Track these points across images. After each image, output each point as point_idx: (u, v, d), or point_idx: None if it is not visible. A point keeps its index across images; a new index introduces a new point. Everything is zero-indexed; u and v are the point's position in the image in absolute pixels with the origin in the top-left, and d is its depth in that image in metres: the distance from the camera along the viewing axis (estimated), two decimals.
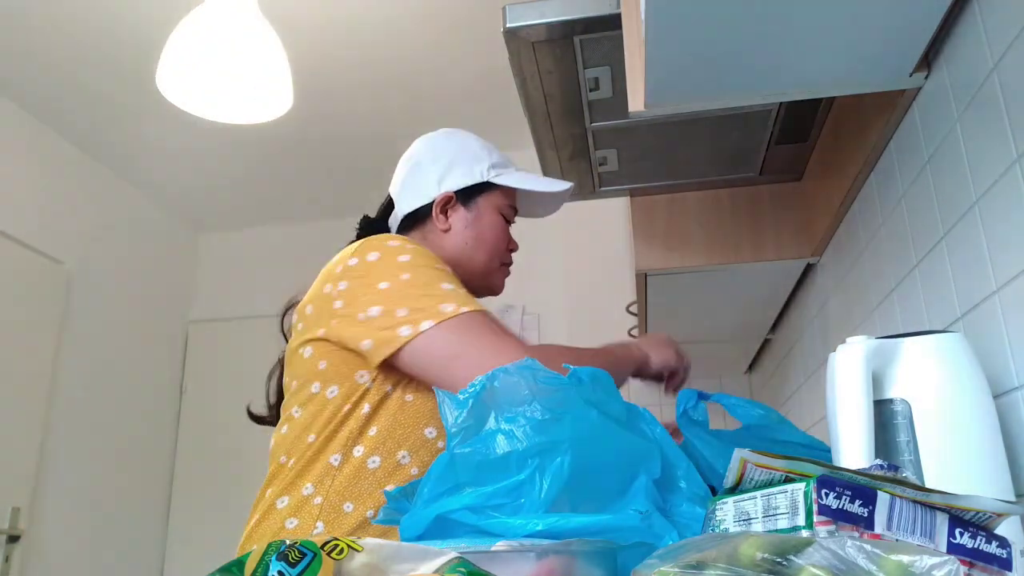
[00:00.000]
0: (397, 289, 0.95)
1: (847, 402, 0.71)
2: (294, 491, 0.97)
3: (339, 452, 0.97)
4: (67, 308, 3.17)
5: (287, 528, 0.95)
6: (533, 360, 0.73)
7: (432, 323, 0.92)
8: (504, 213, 1.18)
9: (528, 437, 0.66)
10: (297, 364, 1.03)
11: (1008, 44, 0.78)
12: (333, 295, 1.00)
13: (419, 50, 2.75)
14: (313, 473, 0.97)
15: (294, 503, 0.96)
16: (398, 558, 0.46)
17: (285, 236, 3.99)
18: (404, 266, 0.97)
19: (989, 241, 0.84)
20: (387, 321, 0.94)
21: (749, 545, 0.44)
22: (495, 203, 1.17)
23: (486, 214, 1.16)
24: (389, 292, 0.95)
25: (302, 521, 0.94)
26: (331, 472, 0.96)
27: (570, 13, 1.11)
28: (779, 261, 1.62)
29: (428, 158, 1.18)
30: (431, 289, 0.95)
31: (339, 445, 0.97)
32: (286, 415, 1.03)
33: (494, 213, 1.16)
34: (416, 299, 0.94)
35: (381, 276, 0.97)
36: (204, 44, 1.92)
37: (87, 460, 3.21)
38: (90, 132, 3.18)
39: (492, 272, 1.17)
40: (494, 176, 1.16)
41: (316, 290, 1.04)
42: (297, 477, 0.97)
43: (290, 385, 1.05)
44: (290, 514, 0.95)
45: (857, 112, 1.22)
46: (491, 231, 1.16)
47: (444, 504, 0.65)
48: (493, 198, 1.17)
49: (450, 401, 0.71)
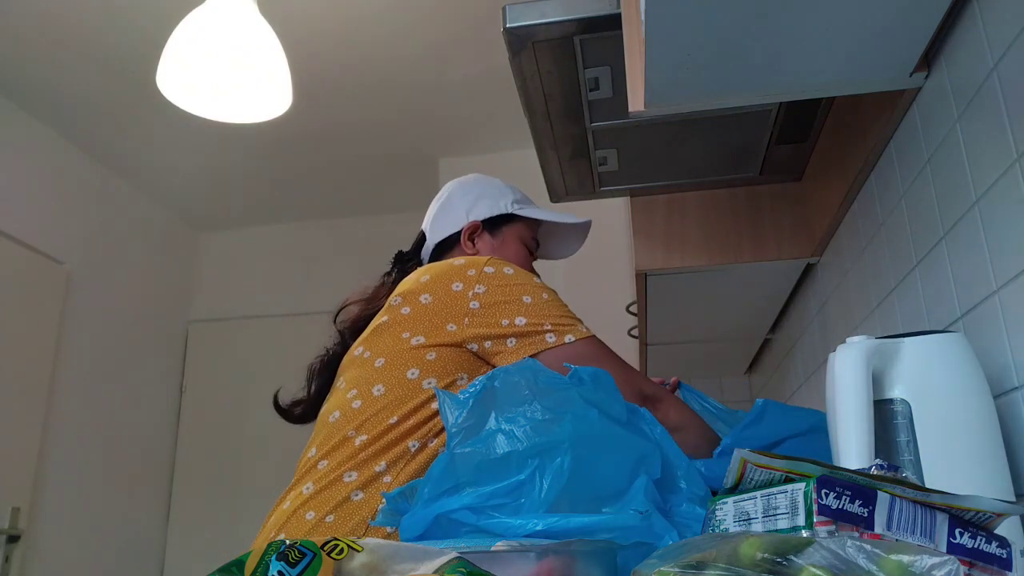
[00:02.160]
0: (540, 305, 1.06)
1: (847, 402, 0.71)
2: (366, 467, 0.98)
3: (419, 440, 1.00)
4: (67, 308, 3.17)
5: (352, 500, 0.96)
6: (533, 360, 0.73)
7: (574, 338, 1.05)
8: (527, 244, 1.29)
9: (528, 437, 0.66)
10: (394, 344, 1.06)
11: (1008, 44, 0.78)
12: (468, 296, 1.05)
13: (419, 50, 2.75)
14: (390, 454, 0.99)
15: (364, 478, 0.98)
16: (398, 558, 0.46)
17: (285, 236, 3.99)
18: (542, 287, 1.10)
19: (989, 241, 0.84)
20: (533, 329, 1.05)
21: (749, 545, 0.44)
22: (519, 233, 1.28)
23: (510, 242, 1.27)
24: (533, 307, 1.06)
25: (368, 495, 0.96)
26: (406, 456, 0.99)
27: (570, 13, 1.11)
28: (779, 261, 1.62)
29: (458, 193, 1.31)
30: (566, 312, 1.08)
31: (422, 434, 1.00)
32: (361, 389, 1.04)
33: (518, 242, 1.28)
34: (558, 317, 1.06)
35: (524, 291, 1.07)
36: (204, 44, 1.92)
37: (87, 460, 3.21)
38: (90, 132, 3.18)
39: None
40: (518, 209, 1.28)
41: (437, 283, 1.08)
42: (372, 455, 0.99)
43: (372, 360, 1.06)
44: (358, 487, 0.97)
45: (857, 112, 1.22)
46: (516, 258, 1.26)
47: (444, 504, 0.65)
48: (517, 229, 1.28)
49: (450, 401, 0.71)
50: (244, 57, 1.95)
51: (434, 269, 1.11)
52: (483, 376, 0.71)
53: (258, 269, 3.99)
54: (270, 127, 2.69)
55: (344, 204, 3.76)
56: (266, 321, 3.84)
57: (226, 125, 2.44)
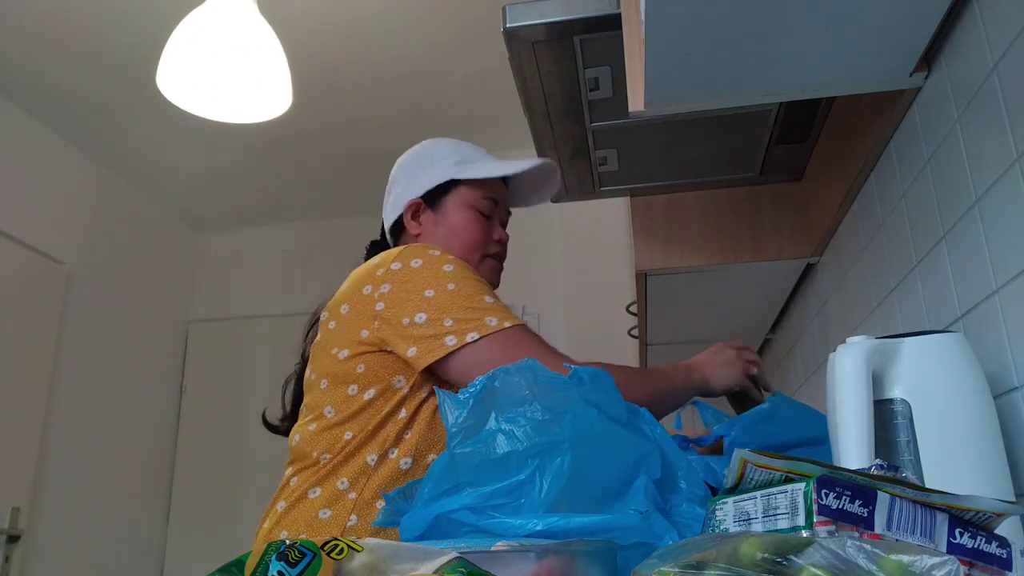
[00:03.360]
0: (443, 298, 0.98)
1: (847, 402, 0.71)
2: (328, 484, 0.98)
3: (376, 452, 0.99)
4: (67, 308, 3.17)
5: (320, 518, 0.96)
6: (534, 360, 0.73)
7: (477, 335, 0.95)
8: (477, 207, 1.17)
9: (528, 437, 0.66)
10: (329, 363, 1.04)
11: (1008, 44, 0.78)
12: (375, 297, 1.01)
13: (419, 50, 2.75)
14: (349, 469, 0.98)
15: (328, 495, 0.98)
16: (398, 558, 0.46)
17: (285, 236, 3.99)
18: (449, 276, 1.00)
19: (989, 241, 0.84)
20: (432, 329, 0.97)
21: (749, 545, 0.44)
22: (464, 199, 1.17)
23: (454, 212, 1.17)
24: (435, 300, 0.98)
25: (336, 513, 0.96)
26: (367, 471, 0.98)
27: (570, 13, 1.11)
28: (779, 261, 1.62)
29: (400, 172, 1.23)
30: (475, 301, 0.98)
31: (377, 446, 0.99)
32: (315, 413, 1.04)
33: (463, 209, 1.17)
34: (461, 310, 0.97)
35: (427, 284, 0.99)
36: (204, 44, 1.92)
37: (87, 460, 3.21)
38: (90, 132, 3.18)
39: (476, 264, 1.16)
40: (458, 172, 1.17)
41: (352, 290, 1.05)
42: (332, 472, 0.99)
43: (318, 383, 1.05)
44: (324, 505, 0.97)
45: (857, 112, 1.22)
46: (461, 226, 1.16)
47: (444, 504, 0.65)
48: (461, 194, 1.17)
49: (450, 401, 0.71)
50: (244, 57, 1.95)
51: (353, 275, 1.08)
52: (483, 376, 0.71)
53: (258, 269, 3.99)
54: (270, 127, 2.68)
55: (344, 204, 3.76)
56: (266, 321, 3.84)
57: (226, 125, 2.43)
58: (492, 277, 1.20)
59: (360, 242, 1.27)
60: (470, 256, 1.15)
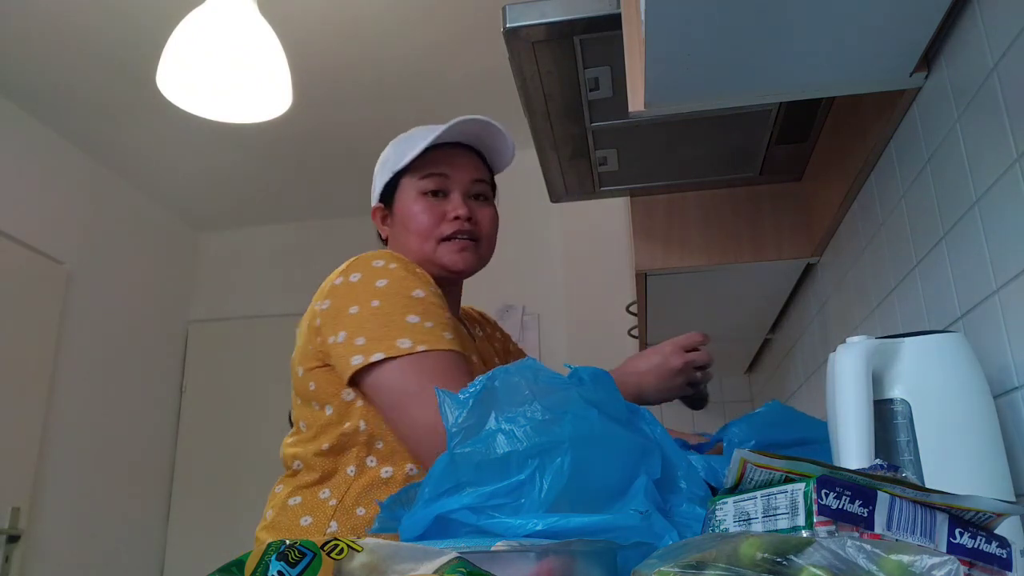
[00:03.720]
0: (364, 316, 0.96)
1: (847, 402, 0.71)
2: (309, 492, 0.99)
3: (354, 464, 0.99)
4: (67, 308, 3.17)
5: (301, 525, 0.97)
6: (534, 360, 0.73)
7: (382, 355, 0.92)
8: (422, 189, 1.13)
9: (528, 437, 0.66)
10: (295, 381, 1.05)
11: (1008, 44, 0.78)
12: (317, 313, 1.01)
13: (419, 50, 2.75)
14: (331, 481, 0.99)
15: (308, 503, 0.98)
16: (398, 558, 0.46)
17: (285, 236, 3.99)
18: (377, 292, 0.97)
19: (989, 241, 0.84)
20: (346, 349, 0.95)
21: (749, 545, 0.44)
22: (408, 188, 1.14)
23: (403, 204, 1.14)
24: (356, 318, 0.96)
25: (316, 520, 0.97)
26: (347, 481, 0.98)
27: (570, 13, 1.11)
28: (779, 261, 1.62)
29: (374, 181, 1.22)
30: (393, 319, 0.94)
31: (352, 458, 0.99)
32: (296, 426, 1.05)
33: (413, 199, 1.13)
34: (377, 328, 0.94)
35: (355, 300, 0.97)
36: (204, 44, 1.92)
37: (87, 460, 3.21)
38: (90, 132, 3.18)
39: (432, 252, 1.11)
40: (399, 164, 1.14)
41: (308, 309, 1.06)
42: (314, 483, 0.99)
43: (295, 398, 1.06)
44: (305, 512, 0.98)
45: (857, 112, 1.22)
46: (408, 216, 1.13)
47: (444, 504, 0.65)
48: (406, 184, 1.14)
49: (450, 401, 0.71)
50: (244, 57, 1.95)
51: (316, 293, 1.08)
52: (483, 376, 0.71)
53: (258, 269, 3.99)
54: (270, 127, 2.68)
55: (344, 204, 3.76)
56: (266, 321, 3.83)
57: (226, 125, 2.44)
58: (456, 260, 1.11)
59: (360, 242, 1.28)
60: (424, 245, 1.11)
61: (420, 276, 1.02)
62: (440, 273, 1.11)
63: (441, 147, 1.12)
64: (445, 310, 1.00)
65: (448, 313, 1.01)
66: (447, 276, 1.13)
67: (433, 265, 1.11)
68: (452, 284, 1.16)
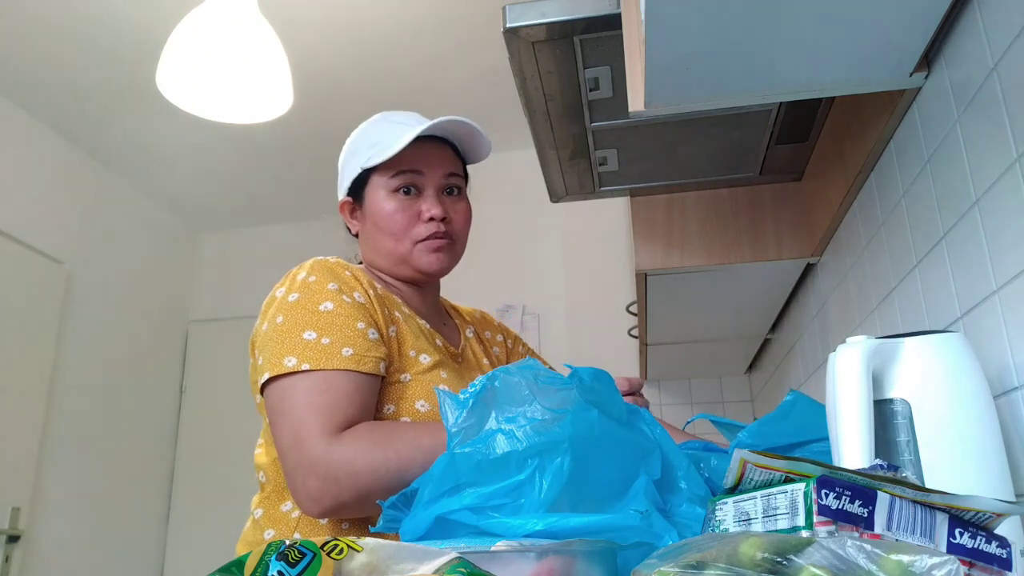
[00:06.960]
0: (268, 334, 0.95)
1: (847, 402, 0.71)
2: (271, 505, 0.99)
3: None
4: (67, 308, 3.17)
5: (265, 538, 0.97)
6: (534, 360, 0.73)
7: (268, 375, 0.91)
8: (394, 187, 1.08)
9: (528, 437, 0.66)
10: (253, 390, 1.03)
11: (1008, 44, 0.78)
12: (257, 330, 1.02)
13: (419, 49, 2.75)
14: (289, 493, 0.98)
15: (270, 515, 0.98)
16: (398, 558, 0.46)
17: (285, 236, 3.99)
18: (284, 307, 0.96)
19: (989, 241, 0.84)
20: (255, 369, 0.97)
21: (749, 545, 0.44)
22: (379, 186, 1.09)
23: (373, 201, 1.09)
24: (264, 336, 0.96)
25: (279, 533, 0.97)
26: None
27: (570, 13, 1.11)
28: (779, 261, 1.62)
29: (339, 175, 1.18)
30: (288, 337, 0.92)
31: None
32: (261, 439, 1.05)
33: (382, 197, 1.08)
34: (271, 347, 0.93)
35: (268, 317, 0.98)
36: (204, 44, 1.92)
37: (87, 460, 3.21)
38: (90, 132, 3.18)
39: (407, 253, 1.08)
40: (367, 161, 1.09)
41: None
42: (276, 495, 0.99)
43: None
44: (268, 525, 0.98)
45: (857, 112, 1.22)
46: (381, 216, 1.08)
47: (444, 504, 0.65)
48: (376, 181, 1.09)
49: (450, 401, 0.71)
50: (244, 57, 1.95)
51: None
52: (483, 376, 0.71)
53: (258, 269, 3.98)
54: (270, 127, 2.69)
55: None
56: None
57: (226, 125, 2.44)
58: (431, 261, 1.08)
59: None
60: (399, 247, 1.07)
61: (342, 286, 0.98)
62: (414, 275, 1.10)
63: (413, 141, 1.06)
64: (359, 320, 0.95)
65: (362, 324, 0.95)
66: (420, 278, 1.11)
67: (407, 266, 1.09)
68: (427, 282, 1.14)
